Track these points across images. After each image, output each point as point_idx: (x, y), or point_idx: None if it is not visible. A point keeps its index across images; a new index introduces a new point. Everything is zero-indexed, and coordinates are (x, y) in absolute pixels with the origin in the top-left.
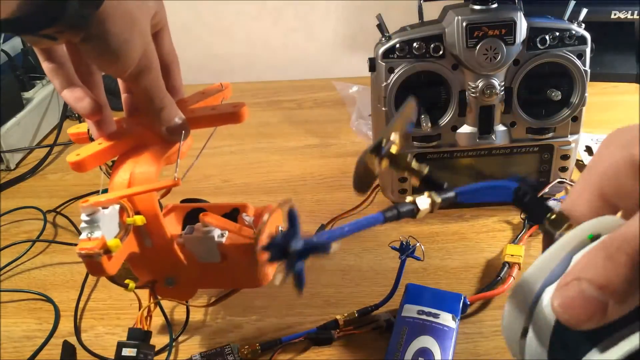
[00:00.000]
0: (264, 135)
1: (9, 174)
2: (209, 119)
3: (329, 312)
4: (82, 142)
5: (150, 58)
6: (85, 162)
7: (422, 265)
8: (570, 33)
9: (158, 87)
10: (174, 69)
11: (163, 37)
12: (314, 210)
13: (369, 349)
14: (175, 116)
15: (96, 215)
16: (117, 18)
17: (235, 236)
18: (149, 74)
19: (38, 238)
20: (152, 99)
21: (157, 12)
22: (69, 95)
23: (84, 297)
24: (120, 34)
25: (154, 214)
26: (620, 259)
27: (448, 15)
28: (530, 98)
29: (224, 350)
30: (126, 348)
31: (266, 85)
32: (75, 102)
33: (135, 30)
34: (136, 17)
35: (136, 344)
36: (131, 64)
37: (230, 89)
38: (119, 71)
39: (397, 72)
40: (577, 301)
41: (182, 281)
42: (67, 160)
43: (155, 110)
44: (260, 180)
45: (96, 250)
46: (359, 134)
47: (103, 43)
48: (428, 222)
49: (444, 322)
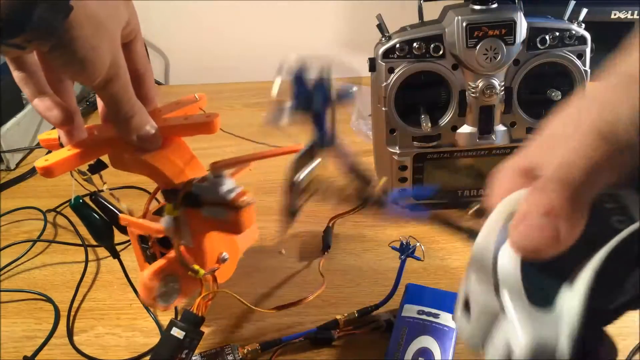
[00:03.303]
0: (264, 135)
1: (9, 174)
2: (181, 129)
3: (329, 312)
4: (52, 148)
5: (118, 66)
6: (52, 167)
7: (422, 265)
8: (570, 33)
9: (127, 95)
10: (147, 78)
11: (136, 46)
12: (314, 210)
13: (369, 349)
14: (146, 124)
15: (224, 177)
16: (84, 26)
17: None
18: (117, 82)
19: (38, 238)
20: (120, 107)
21: (129, 22)
22: (39, 104)
23: (85, 298)
24: (88, 42)
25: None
26: (551, 186)
27: (448, 15)
28: (530, 98)
29: (224, 350)
30: (176, 328)
31: (266, 85)
32: (45, 111)
33: (104, 39)
34: (105, 25)
35: (186, 327)
36: (99, 73)
37: (205, 100)
38: (87, 79)
39: (397, 72)
40: (530, 232)
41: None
42: (35, 165)
43: (124, 118)
44: (260, 180)
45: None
46: (359, 134)
47: (70, 51)
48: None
49: (444, 322)
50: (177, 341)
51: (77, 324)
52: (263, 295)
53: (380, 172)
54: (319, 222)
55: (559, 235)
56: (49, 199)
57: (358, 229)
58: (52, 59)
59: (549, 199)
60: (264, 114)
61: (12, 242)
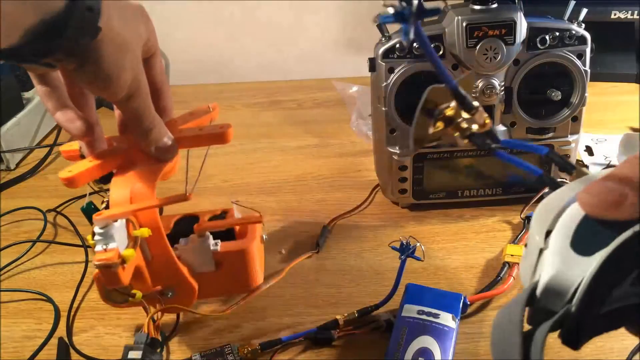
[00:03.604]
0: (264, 135)
1: (9, 174)
2: (196, 140)
3: (329, 312)
4: (73, 159)
5: (139, 82)
6: (76, 178)
7: (422, 265)
8: (570, 33)
9: (147, 109)
10: (164, 91)
11: (155, 61)
12: (314, 210)
13: (369, 349)
14: (164, 136)
15: (109, 228)
16: (109, 46)
17: (227, 244)
18: (138, 97)
19: (38, 238)
20: (141, 120)
21: (149, 40)
22: (61, 117)
23: (85, 298)
24: (112, 61)
25: (157, 226)
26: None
27: (448, 15)
28: (530, 98)
29: (224, 350)
30: (132, 351)
31: (266, 85)
32: (66, 123)
33: (127, 57)
34: (127, 45)
35: (142, 346)
36: (122, 89)
37: (217, 111)
38: (111, 95)
39: (397, 72)
40: (599, 190)
41: (181, 291)
42: (59, 176)
43: (144, 131)
44: (260, 180)
45: (114, 260)
46: (359, 134)
47: (96, 69)
48: (428, 222)
49: (444, 322)
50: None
51: (77, 324)
52: (263, 295)
53: (380, 172)
54: (320, 222)
55: (623, 202)
56: (49, 199)
57: (358, 229)
58: (77, 75)
59: (631, 170)
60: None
61: (12, 242)
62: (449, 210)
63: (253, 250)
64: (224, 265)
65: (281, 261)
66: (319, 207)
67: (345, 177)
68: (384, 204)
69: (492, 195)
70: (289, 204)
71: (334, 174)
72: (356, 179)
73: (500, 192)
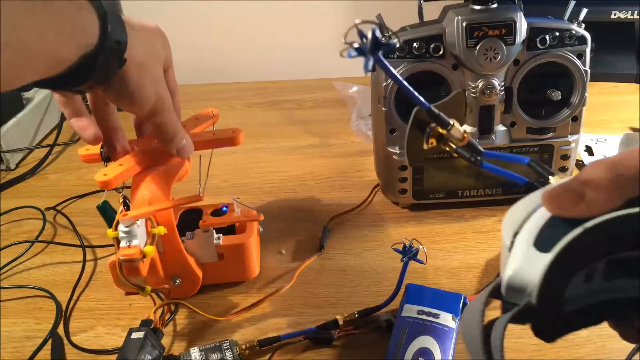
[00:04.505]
0: (264, 135)
1: (9, 174)
2: (210, 143)
3: (329, 312)
4: (92, 162)
5: (163, 99)
6: (111, 181)
7: (422, 265)
8: (570, 33)
9: (172, 122)
10: (175, 98)
11: (169, 73)
12: (314, 210)
13: (369, 349)
14: (183, 139)
15: (133, 227)
16: (133, 71)
17: (229, 238)
18: (163, 113)
19: (37, 238)
20: (166, 132)
21: (167, 57)
22: (75, 123)
23: (85, 298)
24: (135, 83)
25: (171, 225)
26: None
27: (448, 15)
28: (530, 98)
29: (222, 345)
30: (135, 332)
31: (266, 85)
32: (80, 131)
33: (148, 79)
34: (149, 67)
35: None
36: (146, 106)
37: (218, 115)
38: (136, 112)
39: (397, 72)
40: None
41: (187, 279)
42: (95, 179)
43: (169, 139)
44: (261, 180)
45: (137, 255)
46: (359, 134)
47: (122, 90)
48: (428, 222)
49: (444, 322)
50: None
51: (77, 324)
52: (263, 295)
53: (380, 172)
54: (320, 222)
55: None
56: (48, 199)
57: (358, 229)
58: (105, 95)
59: (594, 174)
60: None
61: (12, 242)
62: (449, 210)
63: (251, 244)
64: (226, 257)
65: (282, 262)
66: (319, 207)
67: (345, 177)
68: (384, 204)
69: (492, 195)
70: (289, 204)
71: (334, 174)
72: (356, 179)
73: (500, 192)
